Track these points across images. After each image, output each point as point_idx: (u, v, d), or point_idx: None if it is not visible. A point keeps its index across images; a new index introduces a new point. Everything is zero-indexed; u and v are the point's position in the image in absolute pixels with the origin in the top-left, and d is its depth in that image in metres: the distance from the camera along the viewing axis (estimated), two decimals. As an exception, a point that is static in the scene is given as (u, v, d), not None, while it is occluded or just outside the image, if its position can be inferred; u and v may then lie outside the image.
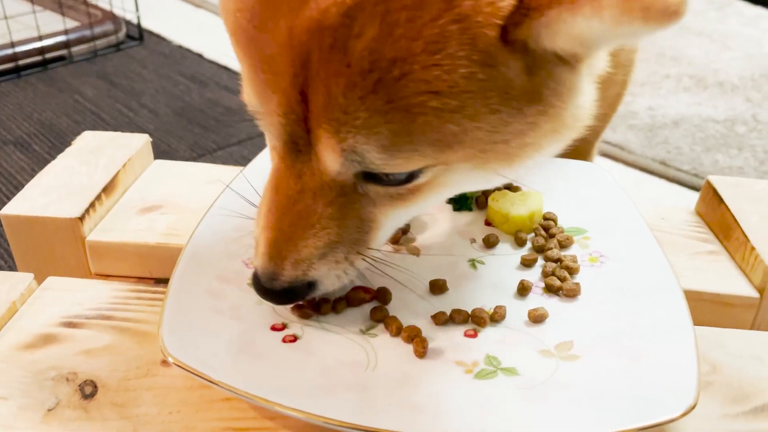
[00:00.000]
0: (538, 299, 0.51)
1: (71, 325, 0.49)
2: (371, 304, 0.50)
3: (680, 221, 0.67)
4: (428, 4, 0.36)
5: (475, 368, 0.44)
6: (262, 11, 0.40)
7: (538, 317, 0.48)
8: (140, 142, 0.70)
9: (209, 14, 2.18)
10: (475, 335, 0.47)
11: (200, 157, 1.39)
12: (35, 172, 0.64)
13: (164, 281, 0.49)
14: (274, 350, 0.44)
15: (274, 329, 0.46)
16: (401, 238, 0.58)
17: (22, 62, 1.76)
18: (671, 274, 0.50)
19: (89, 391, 0.43)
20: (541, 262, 0.55)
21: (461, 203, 0.62)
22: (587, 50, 0.40)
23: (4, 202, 0.67)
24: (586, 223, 0.59)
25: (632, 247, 0.54)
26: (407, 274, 0.53)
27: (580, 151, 0.72)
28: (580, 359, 0.44)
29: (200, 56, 1.86)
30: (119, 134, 0.71)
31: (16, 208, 0.58)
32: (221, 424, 0.41)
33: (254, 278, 0.46)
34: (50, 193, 0.61)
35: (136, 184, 0.67)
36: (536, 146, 0.43)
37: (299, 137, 0.41)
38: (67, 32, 1.83)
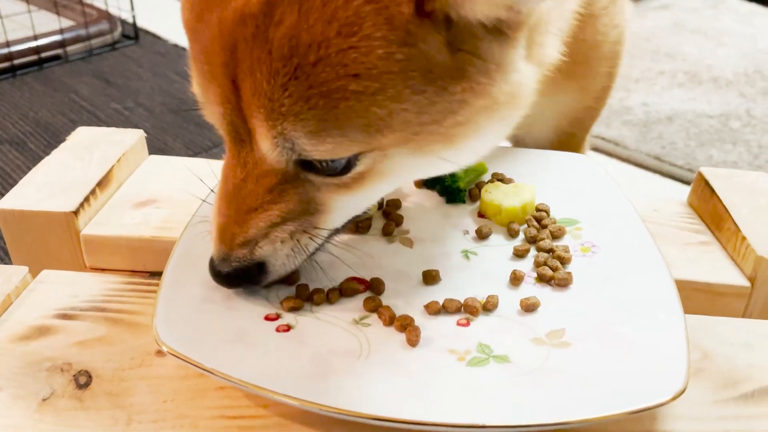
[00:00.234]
0: (530, 289, 0.51)
1: (66, 316, 0.49)
2: (365, 294, 0.50)
3: (672, 213, 0.67)
4: None
5: (467, 356, 0.44)
6: (200, 3, 0.41)
7: (530, 306, 0.48)
8: (134, 137, 0.70)
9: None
10: (467, 324, 0.48)
11: (196, 154, 1.39)
12: (31, 170, 0.64)
13: (159, 274, 0.49)
14: (267, 339, 0.44)
15: (267, 319, 0.46)
16: (395, 230, 0.58)
17: (17, 62, 1.76)
18: (662, 263, 0.50)
19: (84, 381, 0.43)
20: (533, 252, 0.55)
21: (454, 196, 0.62)
22: (514, 15, 0.40)
23: (-1, 198, 0.67)
24: (578, 214, 0.59)
25: (623, 237, 0.55)
26: (401, 265, 0.53)
27: (570, 145, 0.73)
28: (571, 347, 0.44)
29: (196, 55, 1.86)
30: (113, 130, 0.72)
31: (10, 202, 0.59)
32: (215, 412, 0.42)
33: (210, 263, 0.47)
34: (45, 188, 0.61)
35: (130, 178, 0.68)
36: (472, 125, 0.43)
37: (239, 126, 0.42)
38: (62, 31, 1.84)
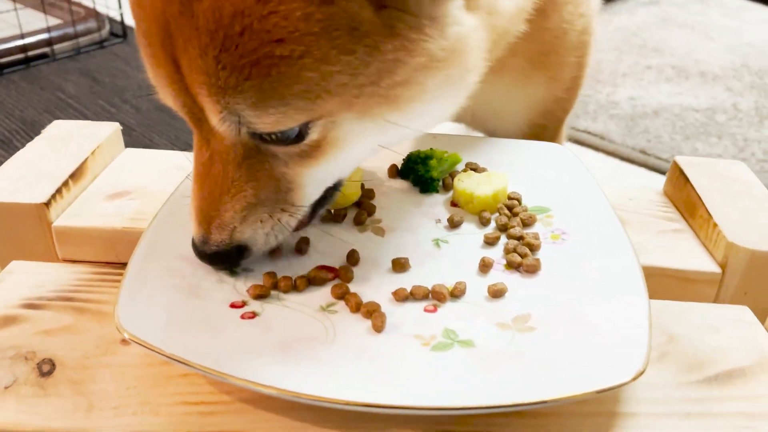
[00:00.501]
0: (499, 275, 0.51)
1: (32, 306, 0.49)
2: (333, 282, 0.50)
3: (647, 201, 0.67)
4: None
5: (432, 341, 0.44)
6: None
7: (497, 292, 0.48)
8: (110, 130, 0.70)
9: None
10: (434, 310, 0.48)
11: (182, 151, 1.39)
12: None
13: (129, 264, 0.49)
14: (232, 326, 0.44)
15: (233, 306, 0.46)
16: (367, 219, 0.58)
17: (4, 60, 1.76)
18: (629, 248, 0.50)
19: (47, 369, 0.43)
20: (504, 240, 0.55)
21: (427, 186, 0.62)
22: None
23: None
24: (549, 202, 0.59)
25: (593, 224, 0.55)
26: (371, 253, 0.53)
27: (543, 138, 0.73)
28: (535, 331, 0.45)
29: (183, 52, 1.86)
30: (89, 123, 0.71)
31: (-19, 194, 0.58)
32: (178, 398, 0.42)
33: (192, 242, 0.47)
34: (17, 179, 0.61)
35: (105, 171, 0.67)
36: (415, 85, 0.43)
37: (192, 106, 0.42)
38: (49, 30, 1.83)
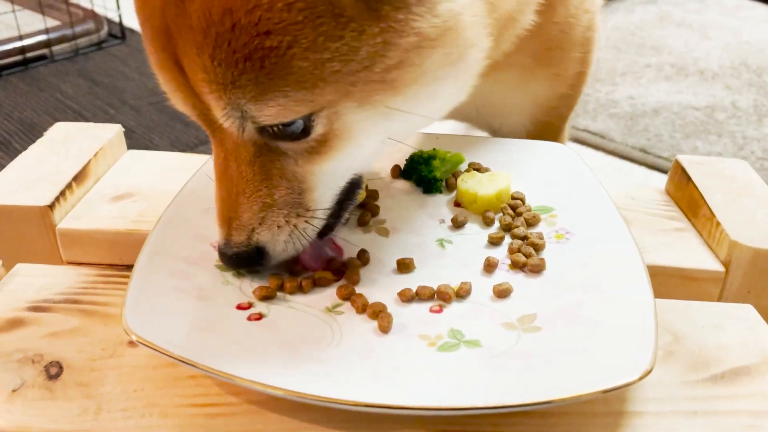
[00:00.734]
0: (503, 275, 0.51)
1: (38, 309, 0.49)
2: (339, 283, 0.50)
3: (649, 200, 0.68)
4: None
5: (438, 341, 0.44)
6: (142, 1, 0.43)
7: (502, 292, 0.49)
8: (112, 132, 0.70)
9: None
10: (440, 311, 0.48)
11: (182, 152, 1.39)
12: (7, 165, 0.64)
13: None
14: (238, 328, 0.44)
15: (239, 308, 0.46)
16: (371, 220, 0.58)
17: (2, 62, 1.75)
18: (634, 247, 0.50)
19: (54, 371, 0.43)
20: (508, 240, 0.55)
21: (431, 186, 0.62)
22: None
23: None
24: (553, 201, 0.59)
25: (597, 223, 0.55)
26: (376, 254, 0.53)
27: (547, 135, 0.73)
28: (542, 330, 0.45)
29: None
30: (91, 125, 0.71)
31: (-15, 197, 0.58)
32: (185, 400, 0.42)
33: (218, 245, 0.48)
34: (20, 182, 0.61)
35: (108, 173, 0.67)
36: (411, 67, 0.43)
37: (201, 107, 0.43)
38: (48, 31, 1.83)
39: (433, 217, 0.59)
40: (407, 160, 0.64)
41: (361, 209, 0.59)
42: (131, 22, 2.00)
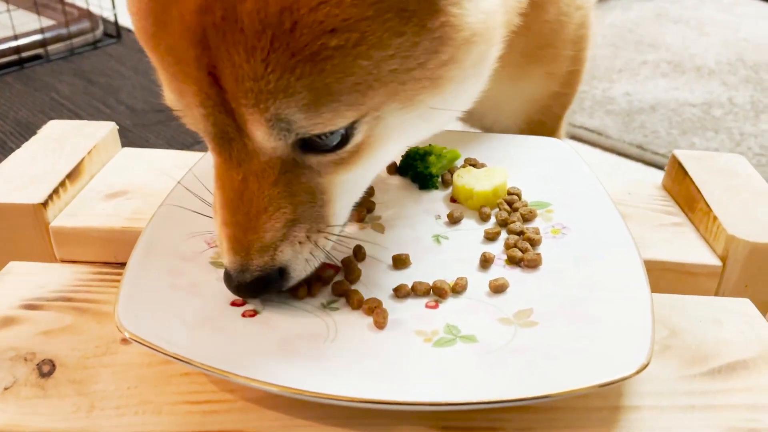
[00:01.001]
0: (500, 270, 0.51)
1: (31, 307, 0.49)
2: (334, 279, 0.50)
3: (647, 195, 0.67)
4: None
5: (434, 337, 0.44)
6: (153, 7, 0.39)
7: (498, 287, 0.48)
8: (106, 130, 0.70)
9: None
10: (436, 306, 0.47)
11: (178, 150, 1.38)
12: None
13: (128, 264, 0.49)
14: (233, 324, 0.44)
15: (234, 305, 0.46)
16: (366, 216, 0.58)
17: (-3, 62, 1.75)
18: (630, 242, 0.50)
19: (47, 369, 0.43)
20: (504, 235, 0.55)
21: (427, 182, 0.62)
22: None
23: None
24: (549, 196, 0.59)
25: (594, 218, 0.55)
26: (372, 250, 0.53)
27: (541, 134, 0.73)
28: (538, 325, 0.44)
29: (178, 52, 1.85)
30: (85, 122, 0.71)
31: (-22, 195, 0.58)
32: (179, 397, 0.41)
33: (226, 277, 0.44)
34: (13, 180, 0.60)
35: (102, 171, 0.67)
36: (456, 63, 0.42)
37: (226, 124, 0.40)
38: (43, 31, 1.83)
39: (429, 212, 0.59)
40: (403, 156, 0.63)
41: (356, 205, 0.58)
42: (127, 21, 1.99)
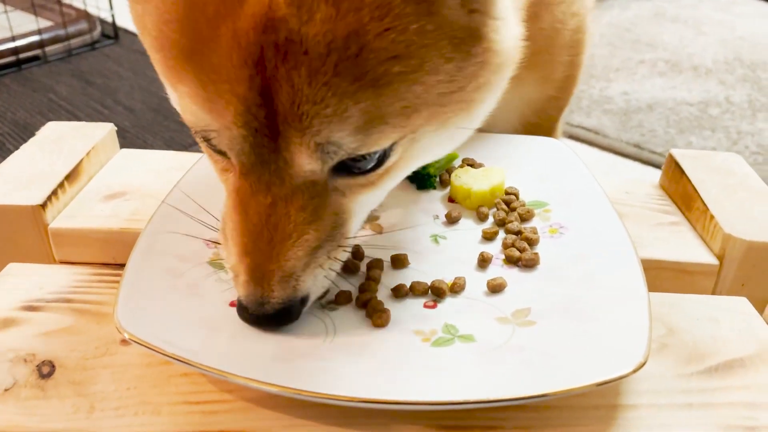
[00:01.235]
0: (498, 270, 0.51)
1: (31, 308, 0.49)
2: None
3: (644, 194, 0.68)
4: None
5: (432, 336, 0.44)
6: (194, 20, 0.37)
7: (496, 287, 0.48)
8: (104, 131, 0.70)
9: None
10: (434, 306, 0.48)
11: (176, 151, 1.38)
12: (-1, 165, 0.63)
13: (127, 265, 0.49)
14: (231, 325, 0.44)
15: (233, 305, 0.46)
16: (365, 216, 0.58)
17: (-5, 63, 1.74)
18: (628, 241, 0.50)
19: (47, 371, 0.43)
20: (502, 235, 0.55)
21: (424, 182, 0.62)
22: None
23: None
24: (547, 196, 0.59)
25: (591, 217, 0.55)
26: (370, 250, 0.53)
27: (539, 135, 0.73)
28: (536, 325, 0.45)
29: (176, 53, 1.85)
30: (83, 124, 0.71)
31: (-24, 197, 0.58)
32: (179, 398, 0.41)
33: (240, 308, 0.43)
34: (12, 181, 0.60)
35: (100, 172, 0.67)
36: (487, 86, 0.43)
37: (263, 146, 0.39)
38: (40, 32, 1.82)
39: (427, 212, 0.59)
40: (401, 156, 0.63)
41: (354, 206, 0.59)
42: (124, 22, 1.99)
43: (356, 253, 0.52)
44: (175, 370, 0.43)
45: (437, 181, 0.63)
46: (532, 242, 0.53)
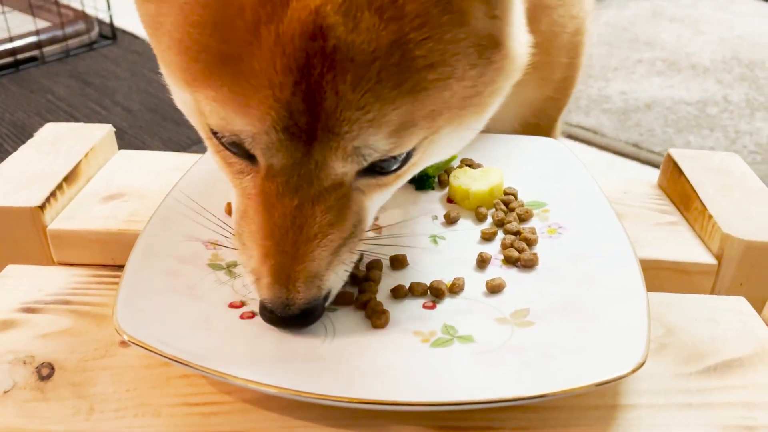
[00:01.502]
0: (497, 270, 0.51)
1: (30, 310, 0.49)
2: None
3: (642, 194, 0.68)
4: None
5: (431, 337, 0.44)
6: (229, 24, 0.36)
7: (495, 287, 0.48)
8: (102, 132, 0.70)
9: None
10: (433, 306, 0.48)
11: (175, 152, 1.38)
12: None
13: (126, 266, 0.49)
14: (231, 326, 0.44)
15: (232, 306, 0.46)
16: (364, 217, 0.58)
17: (-7, 64, 1.74)
18: (626, 241, 0.51)
19: (46, 372, 0.43)
20: (501, 235, 0.55)
21: (423, 183, 0.62)
22: None
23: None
24: (545, 196, 0.59)
25: (590, 217, 0.55)
26: (368, 251, 0.53)
27: (537, 135, 0.73)
28: (535, 325, 0.45)
29: (174, 53, 1.85)
30: (81, 125, 0.71)
31: (-25, 199, 0.58)
32: (178, 399, 0.41)
33: (263, 311, 0.43)
34: (10, 183, 0.60)
35: (99, 173, 0.67)
36: (500, 90, 0.45)
37: (296, 150, 0.39)
38: (38, 33, 1.82)
39: (425, 213, 0.59)
40: (399, 156, 0.64)
41: (353, 206, 0.59)
42: (122, 22, 1.99)
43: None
44: (174, 371, 0.43)
45: (436, 181, 0.63)
46: (530, 242, 0.53)
